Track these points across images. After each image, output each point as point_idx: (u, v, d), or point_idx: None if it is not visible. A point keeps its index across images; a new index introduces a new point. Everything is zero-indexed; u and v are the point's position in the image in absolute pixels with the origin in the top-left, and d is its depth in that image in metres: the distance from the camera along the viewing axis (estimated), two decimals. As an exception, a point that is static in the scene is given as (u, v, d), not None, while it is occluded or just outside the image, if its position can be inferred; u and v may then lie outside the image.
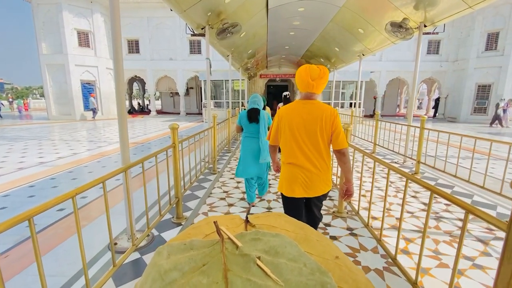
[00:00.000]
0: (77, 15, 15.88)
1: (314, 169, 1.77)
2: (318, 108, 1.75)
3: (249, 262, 0.58)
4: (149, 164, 4.27)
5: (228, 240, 0.65)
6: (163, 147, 2.63)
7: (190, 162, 3.64)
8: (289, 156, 1.81)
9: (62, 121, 15.43)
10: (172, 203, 2.77)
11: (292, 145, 1.78)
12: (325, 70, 1.74)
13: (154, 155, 2.33)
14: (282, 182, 1.89)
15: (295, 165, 1.79)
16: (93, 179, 1.58)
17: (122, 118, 2.19)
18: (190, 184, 3.52)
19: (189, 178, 3.58)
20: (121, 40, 2.22)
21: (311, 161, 1.76)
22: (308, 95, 1.80)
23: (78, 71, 16.13)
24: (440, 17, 4.85)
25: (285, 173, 1.86)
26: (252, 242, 0.65)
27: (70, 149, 7.08)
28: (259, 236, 0.67)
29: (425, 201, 3.49)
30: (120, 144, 2.22)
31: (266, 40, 9.63)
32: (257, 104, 3.11)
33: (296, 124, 1.76)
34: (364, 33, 6.88)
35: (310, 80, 1.72)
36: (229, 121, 6.76)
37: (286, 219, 0.85)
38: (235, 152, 6.59)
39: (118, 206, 3.24)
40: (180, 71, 18.39)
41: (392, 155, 6.44)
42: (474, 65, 16.20)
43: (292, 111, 1.80)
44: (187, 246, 0.65)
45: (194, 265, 0.59)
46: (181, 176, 3.01)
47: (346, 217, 3.00)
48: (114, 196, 3.62)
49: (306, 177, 1.77)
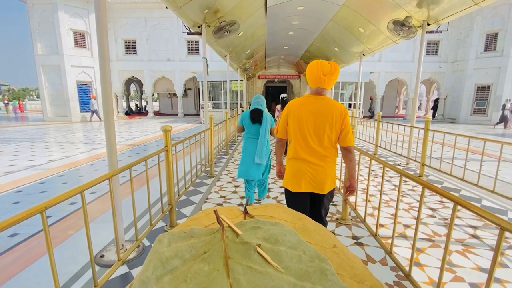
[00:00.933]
0: (73, 15, 15.67)
1: (320, 162, 1.77)
2: (329, 104, 1.75)
3: (250, 249, 0.59)
4: (143, 168, 4.08)
5: (229, 228, 0.66)
6: (156, 150, 2.44)
7: (185, 166, 3.43)
8: (295, 151, 1.81)
9: (58, 123, 15.19)
10: (164, 211, 2.58)
11: (299, 139, 1.78)
12: (336, 66, 1.73)
13: (144, 159, 2.14)
14: (288, 177, 1.87)
15: (302, 160, 1.78)
16: (71, 189, 1.40)
17: (109, 120, 2.01)
18: (185, 189, 3.33)
19: (184, 183, 3.38)
20: (107, 37, 2.04)
21: (318, 155, 1.76)
22: (319, 90, 1.78)
23: (74, 72, 15.91)
24: (444, 15, 4.71)
25: (291, 168, 1.85)
26: (252, 230, 0.66)
27: (63, 151, 6.88)
28: (259, 225, 0.67)
29: (433, 206, 3.33)
30: (107, 149, 2.04)
31: (264, 40, 9.48)
32: (260, 105, 3.08)
33: (305, 118, 1.75)
34: (364, 32, 6.74)
35: (322, 75, 1.71)
36: (226, 122, 6.57)
37: (285, 209, 0.85)
38: (233, 155, 6.41)
39: (109, 212, 3.04)
40: (177, 72, 18.20)
41: (394, 157, 6.28)
42: (473, 66, 16.13)
43: (303, 105, 1.78)
44: (187, 234, 0.65)
45: (195, 252, 0.60)
46: (175, 182, 2.83)
47: (350, 224, 2.83)
48: (106, 201, 3.43)
49: (313, 170, 1.77)
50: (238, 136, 9.29)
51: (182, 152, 3.41)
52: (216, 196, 3.63)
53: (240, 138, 9.09)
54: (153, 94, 22.80)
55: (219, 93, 17.23)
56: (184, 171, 3.33)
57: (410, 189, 3.94)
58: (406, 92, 18.98)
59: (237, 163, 5.53)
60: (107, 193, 3.70)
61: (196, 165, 4.18)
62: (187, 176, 3.93)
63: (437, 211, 3.20)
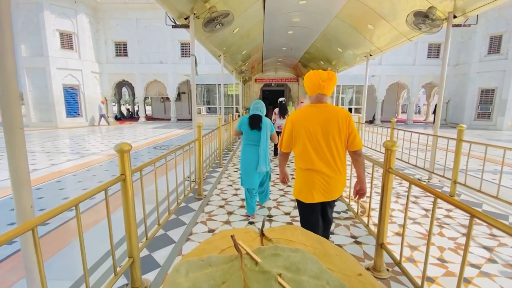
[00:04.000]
0: (60, 15, 14.84)
1: (332, 173, 1.76)
2: (333, 111, 1.74)
3: (270, 279, 0.57)
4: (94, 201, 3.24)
5: (247, 255, 0.65)
6: (111, 179, 1.64)
7: (155, 193, 2.54)
8: (306, 162, 1.78)
9: (42, 129, 14.24)
10: (118, 273, 1.74)
11: (309, 150, 1.75)
12: (333, 73, 1.76)
13: (73, 204, 1.31)
14: (300, 189, 1.85)
15: (314, 171, 1.76)
16: None
17: (15, 138, 1.21)
18: (157, 226, 2.45)
19: (157, 216, 2.52)
20: (10, 20, 1.23)
21: (329, 165, 1.75)
22: (319, 97, 1.78)
23: (60, 74, 15.01)
24: (473, 6, 4.03)
25: (303, 179, 1.83)
26: (272, 257, 0.65)
27: (33, 163, 6.00)
28: (278, 252, 0.66)
29: (486, 243, 2.56)
30: (12, 185, 1.24)
31: (262, 41, 8.77)
32: (259, 110, 2.98)
33: (313, 129, 1.73)
34: (374, 29, 6.05)
35: (321, 81, 1.72)
36: (219, 130, 5.76)
37: (303, 232, 0.84)
38: (227, 167, 5.61)
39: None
40: (170, 75, 17.40)
41: (411, 169, 5.55)
42: (477, 69, 15.63)
43: (307, 116, 1.77)
44: (205, 262, 0.64)
45: (213, 283, 0.59)
46: (139, 220, 2.02)
47: (387, 278, 2.04)
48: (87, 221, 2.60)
49: (325, 181, 1.76)
50: (233, 144, 8.49)
51: (165, 166, 2.61)
52: (202, 230, 2.79)
53: (235, 146, 8.30)
54: (146, 98, 21.94)
55: (214, 97, 16.46)
56: (156, 200, 2.50)
57: (446, 215, 3.18)
58: (407, 95, 18.40)
59: (231, 179, 4.73)
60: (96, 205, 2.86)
61: (177, 188, 3.37)
62: (162, 205, 3.00)
63: (495, 252, 2.43)
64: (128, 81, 17.95)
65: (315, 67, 12.70)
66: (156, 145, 8.61)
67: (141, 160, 6.53)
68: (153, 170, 2.39)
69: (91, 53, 16.41)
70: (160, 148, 8.13)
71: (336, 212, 3.21)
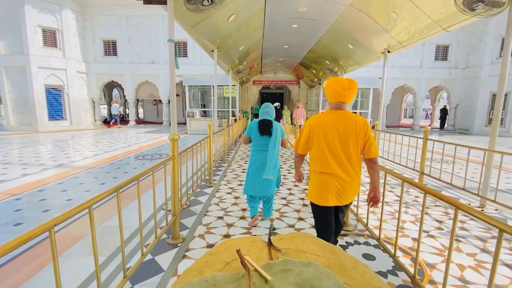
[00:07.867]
0: (43, 11, 13.71)
1: (347, 178, 1.78)
2: (351, 118, 1.79)
3: None
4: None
5: (255, 272, 0.60)
6: None
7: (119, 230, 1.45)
8: (322, 166, 1.81)
9: (22, 133, 13.02)
10: None
11: (327, 154, 1.79)
12: (354, 81, 1.82)
13: None
14: (314, 191, 1.87)
15: (329, 174, 1.79)
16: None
17: None
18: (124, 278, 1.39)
19: None
20: None
21: (345, 170, 1.77)
22: (339, 104, 1.83)
23: (42, 74, 13.83)
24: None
25: (318, 182, 1.85)
26: (283, 274, 0.59)
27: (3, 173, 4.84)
28: (289, 266, 0.61)
29: None
30: None
31: (262, 36, 7.72)
32: (269, 115, 2.89)
33: (330, 134, 1.78)
34: (398, 18, 5.02)
35: (342, 89, 1.77)
36: (210, 140, 4.59)
37: (314, 240, 0.80)
38: (219, 185, 4.48)
39: None
40: (163, 75, 16.31)
41: (445, 188, 4.48)
42: (488, 72, 14.75)
43: (326, 121, 1.81)
44: (209, 283, 0.58)
45: None
46: None
47: None
48: None
49: (340, 185, 1.79)
50: (227, 153, 7.37)
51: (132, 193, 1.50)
52: None
53: (234, 151, 7.17)
54: (138, 101, 20.79)
55: (209, 99, 15.37)
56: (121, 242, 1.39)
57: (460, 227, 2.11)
58: (414, 99, 17.47)
59: (223, 206, 3.61)
60: None
61: (154, 215, 2.24)
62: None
63: None
64: (117, 82, 16.82)
65: (318, 68, 11.68)
66: (139, 154, 7.47)
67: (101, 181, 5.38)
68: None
69: (77, 51, 15.27)
70: (142, 158, 6.99)
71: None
